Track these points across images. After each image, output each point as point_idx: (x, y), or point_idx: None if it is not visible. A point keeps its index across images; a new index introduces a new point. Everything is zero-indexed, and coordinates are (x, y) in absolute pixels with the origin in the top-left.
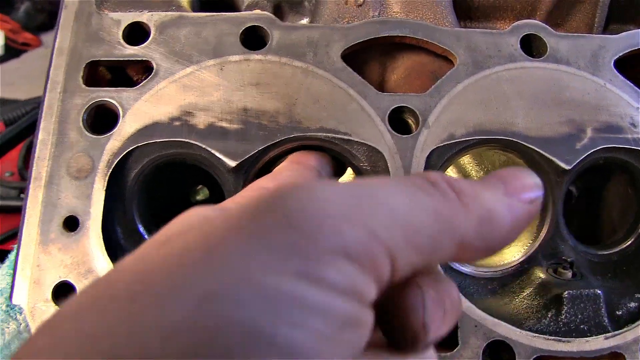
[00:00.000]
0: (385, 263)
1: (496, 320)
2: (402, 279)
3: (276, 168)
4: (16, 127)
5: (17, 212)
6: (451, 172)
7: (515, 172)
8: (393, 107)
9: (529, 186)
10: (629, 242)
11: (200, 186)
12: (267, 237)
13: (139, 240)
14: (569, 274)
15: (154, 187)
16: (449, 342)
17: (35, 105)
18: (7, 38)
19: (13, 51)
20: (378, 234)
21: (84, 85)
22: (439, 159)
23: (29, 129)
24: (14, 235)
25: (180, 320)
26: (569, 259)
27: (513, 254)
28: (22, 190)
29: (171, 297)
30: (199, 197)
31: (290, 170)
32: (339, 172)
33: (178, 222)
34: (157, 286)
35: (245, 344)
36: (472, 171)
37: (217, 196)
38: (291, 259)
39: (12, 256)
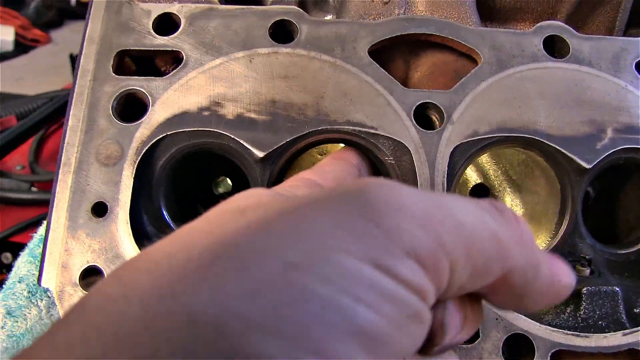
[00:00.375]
0: (446, 274)
1: (516, 314)
2: (446, 298)
3: (319, 163)
4: (28, 122)
5: (29, 205)
6: (470, 170)
7: (561, 262)
8: (418, 103)
9: (568, 274)
10: None
11: (222, 177)
12: (350, 224)
13: (164, 227)
14: (587, 271)
15: (180, 176)
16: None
17: (46, 100)
18: (16, 34)
19: (22, 47)
20: (445, 246)
21: (113, 74)
22: (462, 155)
23: (40, 124)
24: (27, 227)
25: (265, 284)
26: (587, 257)
27: None
28: (33, 184)
29: (256, 261)
30: (220, 189)
31: (333, 165)
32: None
33: (245, 197)
34: (240, 250)
35: (324, 316)
36: (490, 170)
37: (240, 188)
38: (370, 248)
39: (31, 244)
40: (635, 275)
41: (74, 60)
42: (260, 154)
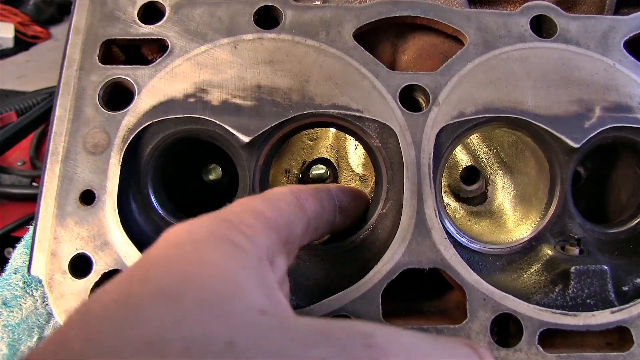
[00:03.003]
0: None
1: (503, 293)
2: None
3: (272, 190)
4: (28, 117)
5: (30, 200)
6: (460, 152)
7: None
8: (404, 85)
9: None
10: (637, 221)
11: (213, 165)
12: None
13: (153, 214)
14: (577, 250)
15: (168, 163)
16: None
17: (45, 96)
18: (17, 31)
19: (23, 44)
20: None
21: (100, 63)
22: (449, 136)
23: (40, 119)
24: (28, 222)
25: None
26: (576, 236)
27: (522, 231)
28: (34, 179)
29: None
30: (211, 177)
31: (288, 205)
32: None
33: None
34: None
35: None
36: (481, 152)
37: (229, 175)
38: None
39: (27, 236)
40: (625, 254)
41: None
42: (245, 139)
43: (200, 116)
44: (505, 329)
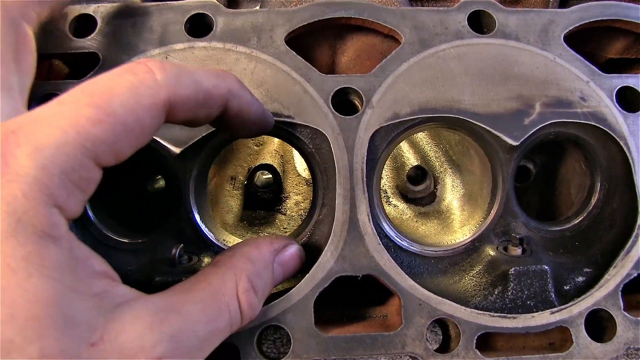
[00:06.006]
0: None
1: (440, 298)
2: None
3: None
4: None
5: None
6: (408, 152)
7: None
8: (337, 89)
9: None
10: (581, 217)
11: (158, 176)
12: None
13: (89, 225)
14: (519, 250)
15: (104, 176)
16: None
17: None
18: None
19: None
20: None
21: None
22: (383, 139)
23: None
24: None
25: None
26: (518, 236)
27: (466, 232)
28: None
29: None
30: (156, 186)
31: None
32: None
33: None
34: None
35: None
36: (431, 152)
37: (171, 186)
38: None
39: None
40: (569, 251)
41: None
42: (176, 150)
43: None
44: (447, 333)
